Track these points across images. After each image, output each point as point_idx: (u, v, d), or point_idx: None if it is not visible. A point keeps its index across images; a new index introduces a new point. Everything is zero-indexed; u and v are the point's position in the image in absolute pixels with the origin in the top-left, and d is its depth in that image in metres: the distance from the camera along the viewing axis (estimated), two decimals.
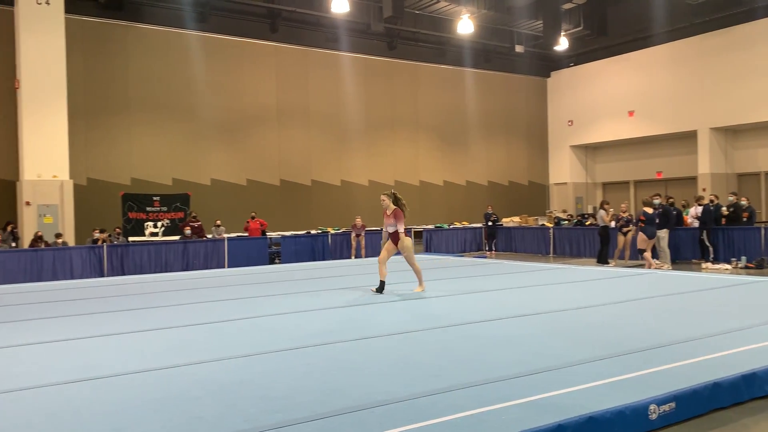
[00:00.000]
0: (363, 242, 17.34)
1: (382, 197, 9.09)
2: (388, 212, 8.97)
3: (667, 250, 13.97)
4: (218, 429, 3.54)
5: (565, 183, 28.14)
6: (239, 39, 21.27)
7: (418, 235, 19.85)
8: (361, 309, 7.65)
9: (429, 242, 19.78)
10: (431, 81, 25.31)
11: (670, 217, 14.30)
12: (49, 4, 16.75)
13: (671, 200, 16.64)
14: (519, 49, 25.25)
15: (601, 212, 15.53)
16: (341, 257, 17.44)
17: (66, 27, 17.14)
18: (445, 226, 21.61)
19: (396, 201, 9.03)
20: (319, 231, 19.36)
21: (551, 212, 25.03)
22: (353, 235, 17.39)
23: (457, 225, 22.17)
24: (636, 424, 3.76)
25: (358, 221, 17.51)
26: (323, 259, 17.07)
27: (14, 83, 17.11)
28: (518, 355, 5.09)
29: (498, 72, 26.88)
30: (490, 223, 19.87)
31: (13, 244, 15.59)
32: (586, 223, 19.54)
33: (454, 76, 25.80)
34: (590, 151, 28.43)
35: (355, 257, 17.07)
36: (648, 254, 13.44)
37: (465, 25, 21.48)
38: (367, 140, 23.90)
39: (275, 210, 21.44)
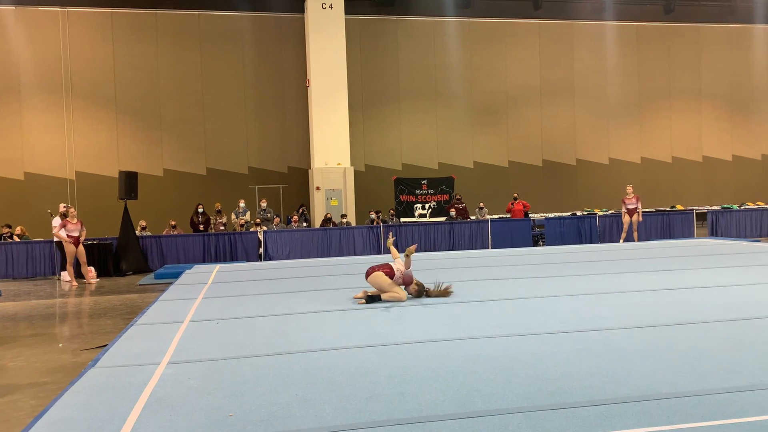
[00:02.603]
0: (636, 224, 16.12)
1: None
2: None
3: None
4: (495, 403, 3.61)
5: None
6: (502, 20, 21.29)
7: (701, 216, 17.87)
8: (631, 296, 7.14)
9: (714, 225, 17.65)
10: (717, 43, 22.46)
11: None
12: (332, 8, 18.65)
13: None
14: None
15: None
16: (610, 240, 16.49)
17: (345, 26, 18.93)
18: (735, 206, 19.07)
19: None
20: (586, 213, 18.56)
21: None
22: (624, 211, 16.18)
23: (750, 206, 19.41)
24: None
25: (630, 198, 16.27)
26: (590, 242, 16.33)
27: (306, 82, 19.45)
28: None
29: None
30: None
31: (305, 224, 17.83)
32: None
33: (745, 35, 22.54)
34: None
35: (625, 241, 16.00)
36: None
37: None
38: (639, 114, 22.20)
39: (538, 191, 21.15)
